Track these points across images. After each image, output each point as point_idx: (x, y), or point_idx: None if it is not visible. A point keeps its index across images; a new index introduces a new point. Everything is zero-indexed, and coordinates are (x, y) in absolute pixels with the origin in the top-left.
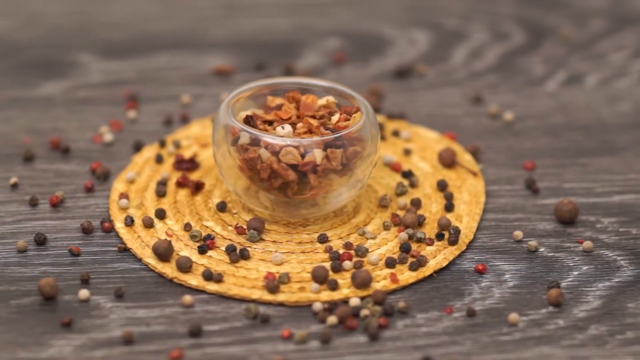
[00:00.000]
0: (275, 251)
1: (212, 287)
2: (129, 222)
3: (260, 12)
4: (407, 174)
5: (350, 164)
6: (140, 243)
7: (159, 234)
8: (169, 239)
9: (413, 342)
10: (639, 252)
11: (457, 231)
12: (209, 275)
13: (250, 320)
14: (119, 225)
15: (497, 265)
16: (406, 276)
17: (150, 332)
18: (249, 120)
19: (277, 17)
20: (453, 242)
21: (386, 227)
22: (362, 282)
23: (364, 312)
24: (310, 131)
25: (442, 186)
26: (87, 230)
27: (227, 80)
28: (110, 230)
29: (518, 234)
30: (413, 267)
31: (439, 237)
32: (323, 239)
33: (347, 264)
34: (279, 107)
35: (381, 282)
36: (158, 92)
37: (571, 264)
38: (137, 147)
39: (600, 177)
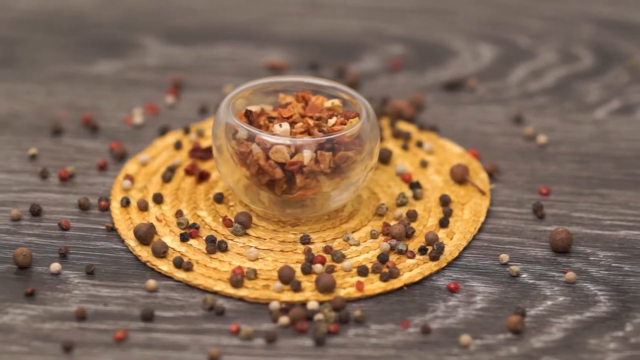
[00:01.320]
0: (253, 247)
1: (180, 274)
2: (125, 203)
3: (335, 12)
4: (414, 185)
5: (341, 167)
6: (129, 225)
7: (149, 218)
8: (158, 223)
9: (357, 352)
10: (624, 289)
11: (441, 247)
12: (179, 263)
13: (205, 311)
14: (115, 205)
15: (472, 286)
16: (375, 286)
17: (105, 312)
18: (248, 115)
19: (350, 18)
20: (434, 257)
21: (373, 236)
22: (324, 286)
23: (318, 316)
24: (307, 132)
25: (444, 201)
26: (83, 207)
27: (277, 76)
28: (106, 209)
29: (504, 257)
30: (383, 278)
31: (422, 251)
32: (305, 240)
33: (317, 267)
34: (286, 106)
35: (348, 289)
36: (205, 81)
37: (548, 293)
38: (162, 132)
39: (612, 210)
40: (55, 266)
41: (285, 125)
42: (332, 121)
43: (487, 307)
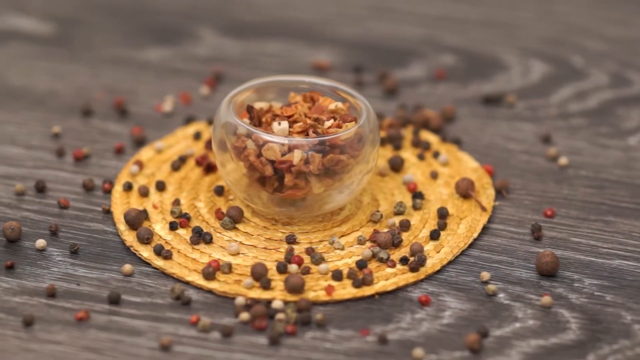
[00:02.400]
0: (235, 241)
1: (158, 262)
2: (127, 187)
3: (399, 18)
4: (417, 196)
5: (332, 170)
6: (125, 209)
7: (147, 204)
8: (154, 210)
9: (308, 354)
10: (598, 319)
11: (422, 259)
12: (158, 251)
13: (172, 300)
14: (117, 189)
15: (444, 301)
16: (345, 291)
17: (76, 291)
18: (249, 110)
19: (411, 25)
20: (413, 269)
21: (360, 242)
22: (292, 286)
23: (280, 316)
24: (305, 132)
25: (440, 214)
26: (87, 187)
27: (320, 75)
28: (108, 191)
29: (485, 275)
30: (356, 284)
31: (403, 261)
32: (290, 240)
33: (293, 267)
34: (291, 105)
35: (318, 292)
36: (246, 76)
37: (519, 315)
38: (187, 121)
39: (613, 238)
40: (41, 242)
41: (284, 124)
42: (328, 123)
43: (453, 323)
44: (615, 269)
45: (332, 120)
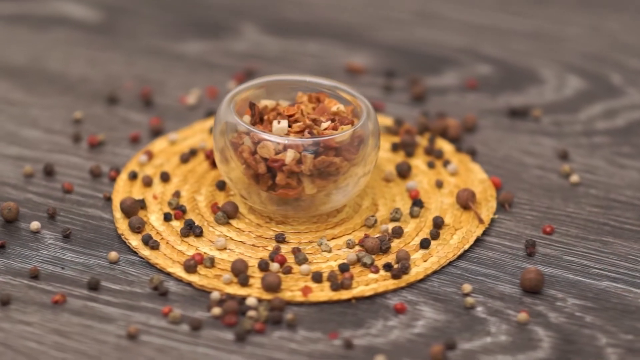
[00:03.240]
0: (224, 237)
1: (145, 252)
2: (131, 176)
3: (442, 24)
4: (416, 203)
5: (327, 171)
6: (125, 197)
7: (147, 194)
8: (153, 200)
9: (271, 353)
10: (573, 339)
11: (405, 267)
12: (146, 240)
13: (151, 290)
14: (123, 177)
15: (420, 311)
16: (323, 294)
17: (58, 274)
18: (251, 107)
19: (453, 33)
20: (395, 276)
21: (349, 245)
22: (268, 285)
23: (251, 313)
24: (303, 132)
25: (435, 223)
26: (94, 174)
27: (351, 78)
28: (114, 179)
29: (466, 287)
30: (333, 287)
31: (386, 267)
32: (279, 239)
33: (274, 265)
34: (294, 104)
35: (295, 292)
36: (276, 73)
37: (493, 330)
38: (207, 115)
39: (607, 259)
40: (35, 224)
41: (284, 123)
42: (325, 125)
43: (424, 333)
44: (601, 291)
45: (329, 122)
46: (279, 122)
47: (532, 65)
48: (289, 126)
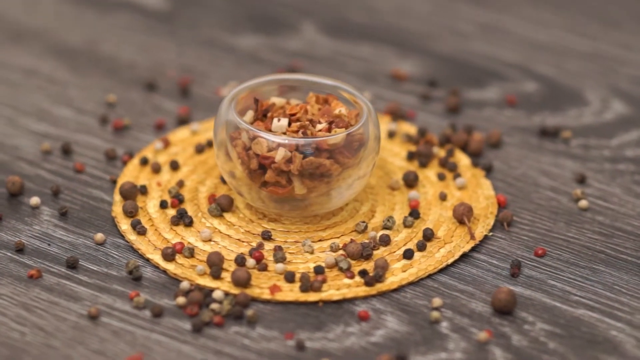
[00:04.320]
0: (216, 229)
1: (132, 236)
2: (142, 162)
3: (502, 38)
4: (413, 214)
5: (316, 173)
6: (125, 182)
7: (153, 180)
8: (157, 187)
9: (222, 347)
10: None
11: (379, 275)
12: (134, 225)
13: (126, 274)
14: (134, 162)
15: (384, 320)
16: (292, 294)
17: (42, 250)
18: (255, 102)
19: (509, 48)
20: (367, 283)
21: (332, 249)
22: (237, 280)
23: (214, 305)
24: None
25: (425, 235)
26: (109, 156)
27: (392, 85)
28: (126, 163)
29: (436, 301)
30: (302, 289)
31: (361, 274)
32: (265, 236)
33: (251, 261)
34: (298, 104)
35: (264, 289)
36: (319, 73)
37: (450, 347)
38: None
39: (591, 288)
40: (35, 200)
41: (283, 121)
42: (320, 126)
43: (380, 342)
44: (574, 319)
45: (325, 124)
46: (279, 120)
47: (579, 87)
48: (289, 125)
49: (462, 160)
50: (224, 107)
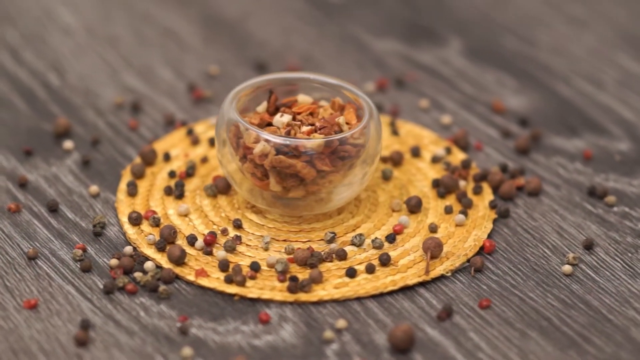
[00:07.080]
0: (198, 206)
1: (121, 195)
2: (188, 132)
3: (634, 95)
4: (388, 238)
5: (287, 173)
6: (163, 148)
7: (185, 150)
8: (184, 157)
9: (114, 313)
10: None
11: (302, 286)
12: (129, 185)
13: (92, 227)
14: (182, 131)
15: (281, 328)
16: (215, 282)
17: (42, 190)
18: (269, 93)
19: (628, 101)
20: (290, 289)
21: (286, 250)
22: (170, 255)
23: (137, 274)
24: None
25: (381, 259)
26: (167, 121)
27: (488, 115)
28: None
29: (341, 322)
30: (227, 280)
31: (291, 279)
32: (235, 224)
33: (199, 243)
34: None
35: (192, 272)
36: (424, 91)
37: None
38: None
39: (506, 350)
40: (68, 144)
41: (285, 117)
42: (305, 129)
43: (259, 347)
44: None
45: (308, 127)
46: (281, 115)
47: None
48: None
49: (485, 199)
50: (225, 106)
